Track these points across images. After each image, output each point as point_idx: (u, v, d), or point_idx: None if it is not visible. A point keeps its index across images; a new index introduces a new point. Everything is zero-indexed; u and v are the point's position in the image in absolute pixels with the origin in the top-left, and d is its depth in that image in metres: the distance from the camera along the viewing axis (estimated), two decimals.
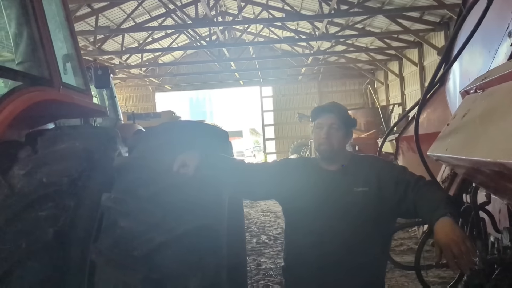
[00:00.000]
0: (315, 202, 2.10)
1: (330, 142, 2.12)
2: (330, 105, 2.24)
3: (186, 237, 1.91)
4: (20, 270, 1.83)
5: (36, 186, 2.01)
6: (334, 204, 2.08)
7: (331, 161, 2.17)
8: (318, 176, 2.17)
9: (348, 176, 2.14)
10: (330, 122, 2.13)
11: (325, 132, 2.12)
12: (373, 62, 22.63)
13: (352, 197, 2.08)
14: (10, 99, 2.10)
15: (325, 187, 2.13)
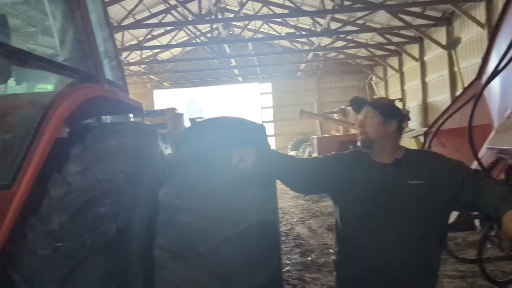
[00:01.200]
0: (369, 195, 2.11)
1: (364, 131, 2.18)
2: (357, 100, 2.30)
3: (249, 232, 1.91)
4: (85, 267, 1.82)
5: (93, 183, 2.00)
6: (388, 197, 2.08)
7: (379, 152, 2.18)
8: (372, 169, 2.17)
9: (402, 169, 2.14)
10: (365, 111, 2.21)
11: (361, 122, 2.20)
12: (372, 58, 22.68)
13: (406, 190, 2.09)
14: (65, 96, 2.08)
15: (379, 180, 2.13)
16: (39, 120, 1.93)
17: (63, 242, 1.84)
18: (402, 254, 2.06)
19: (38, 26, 2.85)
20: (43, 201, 1.93)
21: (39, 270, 1.80)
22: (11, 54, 1.97)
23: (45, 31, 2.58)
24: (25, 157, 1.85)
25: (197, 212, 1.96)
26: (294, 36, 18.45)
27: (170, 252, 1.91)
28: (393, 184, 2.11)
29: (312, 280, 5.41)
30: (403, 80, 20.82)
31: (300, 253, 6.72)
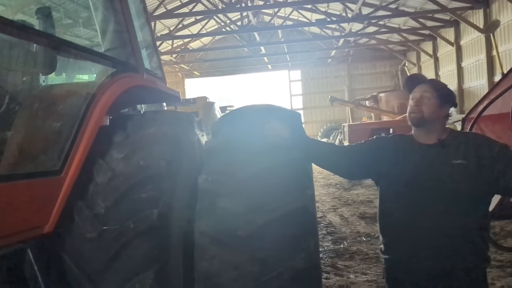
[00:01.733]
0: (413, 176, 2.10)
1: (420, 109, 2.13)
2: (418, 76, 2.28)
3: (287, 218, 1.94)
4: (129, 249, 1.90)
5: (135, 169, 2.08)
6: (433, 177, 2.07)
7: (425, 133, 2.15)
8: (415, 150, 2.16)
9: (446, 148, 2.12)
10: (421, 91, 2.15)
11: (416, 100, 2.14)
12: (405, 43, 22.12)
13: (449, 169, 2.06)
14: (108, 85, 2.15)
15: (423, 160, 2.12)
16: (84, 109, 2.01)
17: (109, 225, 1.93)
18: (449, 236, 2.04)
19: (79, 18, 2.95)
20: (89, 187, 2.02)
21: (87, 251, 1.89)
22: (58, 45, 2.05)
23: (86, 23, 2.66)
24: (72, 145, 1.93)
25: (235, 197, 2.00)
26: (325, 22, 18.19)
27: (209, 236, 1.96)
28: (438, 164, 2.10)
29: (345, 267, 5.42)
30: (438, 65, 20.24)
31: (332, 241, 6.72)
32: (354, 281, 4.89)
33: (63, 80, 2.93)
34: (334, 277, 5.07)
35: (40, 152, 1.92)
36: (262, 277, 1.85)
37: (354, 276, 5.08)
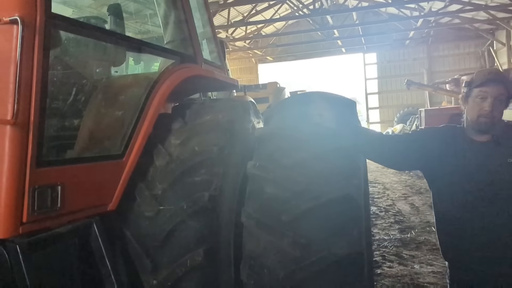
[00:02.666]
0: (464, 174, 2.03)
1: (492, 115, 1.98)
2: (498, 74, 2.06)
3: (330, 206, 1.99)
4: (182, 229, 2.07)
5: (190, 154, 2.23)
6: (486, 176, 1.99)
7: (484, 132, 2.05)
8: (468, 147, 2.07)
9: (501, 146, 2.02)
10: (497, 94, 1.98)
11: (490, 104, 1.98)
12: (493, 21, 20.38)
13: (505, 168, 1.97)
14: (166, 76, 2.32)
15: (475, 159, 2.04)
16: (144, 99, 2.19)
17: (165, 205, 2.11)
18: (504, 236, 1.97)
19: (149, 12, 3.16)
20: (149, 170, 2.22)
21: (145, 228, 2.09)
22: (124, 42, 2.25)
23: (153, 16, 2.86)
24: (133, 131, 2.13)
25: (280, 183, 2.08)
26: (403, 2, 17.32)
27: (255, 219, 2.07)
28: (491, 163, 2.01)
29: (410, 257, 5.30)
30: None
31: (399, 230, 6.57)
32: (418, 271, 4.78)
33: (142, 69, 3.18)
34: (398, 266, 4.99)
35: (105, 138, 2.14)
36: (303, 261, 1.92)
37: (419, 266, 4.96)
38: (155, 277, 2.03)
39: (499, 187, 1.96)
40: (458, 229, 2.06)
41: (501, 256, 1.97)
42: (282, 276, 1.93)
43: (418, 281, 4.49)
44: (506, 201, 1.95)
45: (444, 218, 2.16)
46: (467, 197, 2.01)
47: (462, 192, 2.03)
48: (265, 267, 1.99)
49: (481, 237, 1.99)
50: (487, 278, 2.02)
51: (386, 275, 4.70)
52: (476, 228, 1.99)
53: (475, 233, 2.00)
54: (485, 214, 1.97)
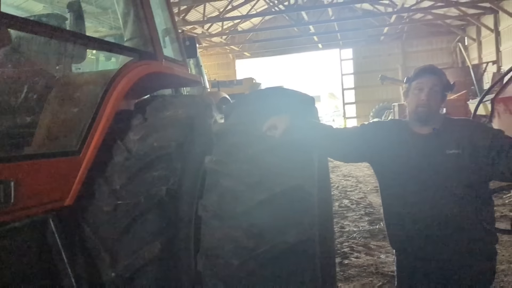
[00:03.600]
0: (408, 165, 2.14)
1: (429, 104, 2.12)
2: (432, 67, 2.22)
3: (282, 196, 2.06)
4: (141, 222, 2.12)
5: (149, 150, 2.27)
6: (427, 167, 2.10)
7: (424, 124, 2.17)
8: (410, 139, 2.19)
9: (440, 139, 2.14)
10: (431, 84, 2.12)
11: (426, 94, 2.12)
12: (464, 17, 20.92)
13: (444, 159, 2.09)
14: (125, 73, 2.36)
15: (418, 150, 2.15)
16: (101, 96, 2.23)
17: (123, 200, 2.15)
18: (444, 223, 2.09)
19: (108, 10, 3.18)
20: (108, 165, 2.25)
21: (103, 223, 2.13)
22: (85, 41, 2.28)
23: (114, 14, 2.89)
24: (90, 128, 2.16)
25: (236, 177, 2.15)
26: None
27: (212, 212, 2.13)
28: (431, 154, 2.12)
29: (377, 247, 5.46)
30: (499, 40, 19.01)
31: (368, 221, 6.74)
32: (383, 261, 4.93)
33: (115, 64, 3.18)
34: (365, 257, 5.14)
35: (61, 134, 2.17)
36: (256, 250, 2.00)
37: (385, 256, 5.12)
38: (113, 270, 2.07)
39: (439, 177, 2.07)
40: (403, 218, 2.17)
41: (442, 242, 2.09)
42: (236, 265, 2.00)
43: (383, 270, 4.64)
44: (446, 190, 2.06)
45: (390, 207, 2.27)
46: (410, 187, 2.12)
47: (406, 182, 2.14)
48: (220, 258, 2.05)
49: (424, 224, 2.10)
50: (430, 263, 2.14)
51: (352, 265, 4.84)
52: (419, 216, 2.10)
53: (419, 221, 2.11)
54: (427, 202, 2.08)
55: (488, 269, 2.17)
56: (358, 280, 4.44)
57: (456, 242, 2.09)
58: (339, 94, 28.14)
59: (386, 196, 2.31)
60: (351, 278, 4.51)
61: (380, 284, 4.30)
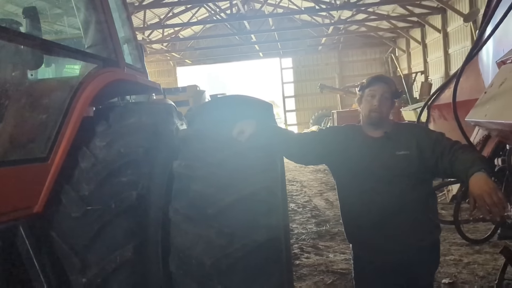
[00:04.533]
0: (362, 166, 2.34)
1: (381, 110, 2.34)
2: (383, 77, 2.47)
3: (251, 197, 2.19)
4: (111, 227, 2.14)
5: (116, 156, 2.30)
6: (380, 167, 2.32)
7: (376, 128, 2.39)
8: (364, 142, 2.40)
9: (391, 141, 2.36)
10: (382, 91, 2.35)
11: (378, 100, 2.33)
12: (394, 30, 22.30)
13: (395, 160, 2.32)
14: (89, 80, 2.37)
15: (370, 152, 2.36)
16: (68, 102, 2.23)
17: (92, 206, 2.16)
18: (396, 217, 2.30)
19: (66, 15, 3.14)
20: (75, 172, 2.25)
21: (73, 229, 2.12)
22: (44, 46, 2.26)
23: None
24: (57, 134, 2.15)
25: (206, 180, 2.24)
26: (314, 10, 18.32)
27: (183, 214, 2.20)
28: (383, 156, 2.34)
29: (325, 248, 5.72)
30: (426, 52, 20.47)
31: (315, 223, 7.03)
32: (332, 260, 5.18)
33: (53, 71, 3.12)
34: (314, 257, 5.37)
35: (29, 141, 2.14)
36: (228, 249, 2.10)
37: (333, 255, 5.38)
38: (84, 275, 2.08)
39: (391, 176, 2.30)
40: (359, 214, 2.38)
41: (394, 233, 2.31)
42: (209, 264, 2.09)
43: (332, 268, 4.89)
44: (397, 188, 2.29)
45: (347, 205, 2.47)
46: (365, 186, 2.33)
47: (361, 181, 2.34)
48: (193, 258, 2.13)
49: (378, 219, 2.31)
50: (383, 253, 2.36)
51: (304, 265, 5.05)
52: (373, 212, 2.31)
53: (373, 216, 2.32)
54: (380, 199, 2.30)
55: (434, 257, 2.43)
56: (310, 279, 4.64)
57: (405, 233, 2.32)
58: (280, 102, 28.77)
59: (343, 194, 2.50)
60: (303, 277, 4.71)
61: (330, 281, 4.53)
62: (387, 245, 2.34)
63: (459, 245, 5.27)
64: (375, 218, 2.31)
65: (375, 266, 2.41)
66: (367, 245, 2.42)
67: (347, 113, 16.59)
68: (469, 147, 2.33)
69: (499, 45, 2.72)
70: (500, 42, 2.74)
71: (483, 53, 3.06)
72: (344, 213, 2.52)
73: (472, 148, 2.42)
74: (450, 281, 4.25)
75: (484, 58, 3.04)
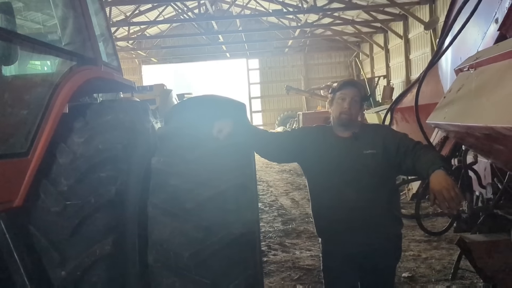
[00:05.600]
0: (332, 164, 2.50)
1: (350, 112, 2.50)
2: (354, 81, 2.65)
3: (227, 193, 2.29)
4: (90, 221, 2.19)
5: (95, 152, 2.35)
6: (348, 165, 2.48)
7: (345, 129, 2.55)
8: (334, 142, 2.55)
9: (358, 141, 2.53)
10: (352, 95, 2.51)
11: (348, 103, 2.49)
12: (358, 35, 22.92)
13: (362, 158, 2.48)
14: (69, 77, 2.40)
15: (340, 151, 2.52)
16: (48, 99, 2.26)
17: (71, 201, 2.20)
18: (363, 212, 2.47)
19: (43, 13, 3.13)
20: (53, 167, 2.28)
21: (52, 224, 2.16)
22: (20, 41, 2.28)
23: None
24: (38, 130, 2.18)
25: (184, 176, 2.32)
26: (281, 12, 18.58)
27: (161, 209, 2.28)
28: (352, 154, 2.50)
29: (292, 245, 5.88)
30: (388, 57, 21.16)
31: (282, 222, 7.19)
32: (299, 257, 5.35)
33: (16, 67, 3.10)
34: (281, 254, 5.52)
35: (9, 136, 2.16)
36: (206, 242, 2.19)
37: (299, 252, 5.55)
38: (63, 269, 2.11)
39: (359, 173, 2.46)
40: (329, 209, 2.53)
41: (360, 227, 2.48)
42: (187, 256, 2.17)
43: (299, 264, 5.05)
44: (364, 184, 2.45)
45: (317, 201, 2.62)
46: (335, 183, 2.48)
47: (331, 179, 2.49)
48: (171, 250, 2.21)
49: (346, 214, 2.47)
50: (350, 246, 2.53)
51: (271, 262, 5.19)
52: (342, 207, 2.47)
53: (342, 211, 2.48)
54: (349, 195, 2.46)
55: (396, 249, 2.61)
56: (278, 275, 4.78)
57: (371, 226, 2.49)
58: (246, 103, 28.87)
59: (314, 191, 2.64)
60: (271, 273, 4.84)
61: (297, 277, 4.68)
62: (354, 238, 2.50)
63: (418, 241, 5.57)
64: (343, 213, 2.47)
65: (342, 258, 2.57)
66: (336, 239, 2.57)
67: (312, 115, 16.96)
68: (430, 147, 2.53)
69: (457, 54, 2.95)
70: (458, 51, 2.97)
71: (442, 60, 3.29)
72: (315, 209, 2.66)
73: (432, 148, 2.62)
74: (410, 275, 4.50)
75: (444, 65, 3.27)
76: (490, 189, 2.60)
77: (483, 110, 1.71)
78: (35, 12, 3.06)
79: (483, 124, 1.64)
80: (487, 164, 2.69)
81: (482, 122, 1.66)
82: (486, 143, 1.94)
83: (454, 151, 2.79)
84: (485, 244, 2.46)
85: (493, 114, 1.59)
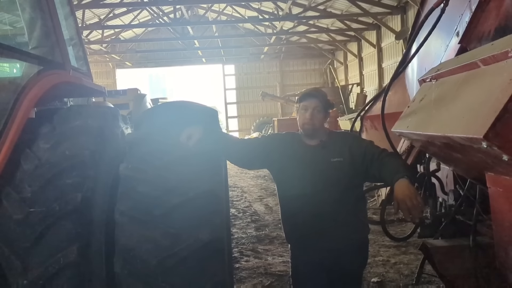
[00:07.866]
0: (300, 171, 2.53)
1: (313, 122, 2.54)
2: (315, 91, 2.67)
3: (196, 199, 2.28)
4: (55, 229, 2.15)
5: (61, 158, 2.31)
6: (316, 173, 2.52)
7: (312, 137, 2.59)
8: (302, 150, 2.59)
9: (326, 149, 2.57)
10: (314, 105, 2.55)
11: (310, 114, 2.53)
12: (333, 43, 23.28)
13: (329, 166, 2.53)
14: (34, 82, 2.36)
15: (308, 159, 2.56)
16: (13, 103, 2.21)
17: (35, 208, 2.15)
18: (330, 218, 2.50)
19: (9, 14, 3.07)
20: (17, 174, 2.23)
21: (15, 231, 2.10)
22: None
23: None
24: (1, 135, 2.13)
25: (152, 182, 2.31)
26: (257, 19, 18.69)
27: (129, 216, 2.26)
28: (319, 162, 2.55)
29: (264, 251, 5.90)
30: (362, 65, 21.55)
31: (255, 228, 7.20)
32: (271, 263, 5.36)
33: None
34: (254, 260, 5.53)
35: None
36: (173, 249, 2.18)
37: (271, 258, 5.56)
38: (25, 278, 2.07)
39: (326, 180, 2.50)
40: (297, 216, 2.56)
41: (328, 233, 2.52)
42: (154, 263, 2.15)
43: (271, 270, 5.06)
44: (331, 191, 2.50)
45: (286, 208, 2.65)
46: (303, 190, 2.52)
47: (299, 186, 2.53)
48: (138, 258, 2.19)
49: (314, 220, 2.51)
50: (319, 252, 2.57)
51: (243, 268, 5.18)
52: (310, 214, 2.51)
53: (309, 218, 2.51)
54: (316, 202, 2.49)
55: (363, 254, 2.66)
56: (249, 281, 4.78)
57: (338, 233, 2.53)
58: (222, 108, 28.88)
59: (283, 198, 2.67)
60: (242, 279, 4.84)
61: (268, 283, 4.70)
62: (322, 244, 2.54)
63: (387, 247, 5.67)
64: (311, 219, 2.50)
65: (311, 264, 2.60)
66: (304, 245, 2.60)
67: (287, 121, 17.08)
68: (395, 155, 2.60)
69: (422, 64, 3.04)
70: (423, 61, 3.07)
71: (409, 70, 3.39)
72: (284, 215, 2.69)
73: (397, 155, 2.69)
74: (379, 280, 4.57)
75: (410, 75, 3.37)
76: (452, 195, 2.69)
77: (442, 120, 1.77)
78: (2, 13, 2.99)
79: (441, 133, 1.70)
80: (449, 171, 2.78)
81: (441, 131, 1.73)
82: (446, 152, 2.01)
83: (418, 158, 2.87)
84: (445, 249, 2.54)
85: (450, 124, 1.66)
